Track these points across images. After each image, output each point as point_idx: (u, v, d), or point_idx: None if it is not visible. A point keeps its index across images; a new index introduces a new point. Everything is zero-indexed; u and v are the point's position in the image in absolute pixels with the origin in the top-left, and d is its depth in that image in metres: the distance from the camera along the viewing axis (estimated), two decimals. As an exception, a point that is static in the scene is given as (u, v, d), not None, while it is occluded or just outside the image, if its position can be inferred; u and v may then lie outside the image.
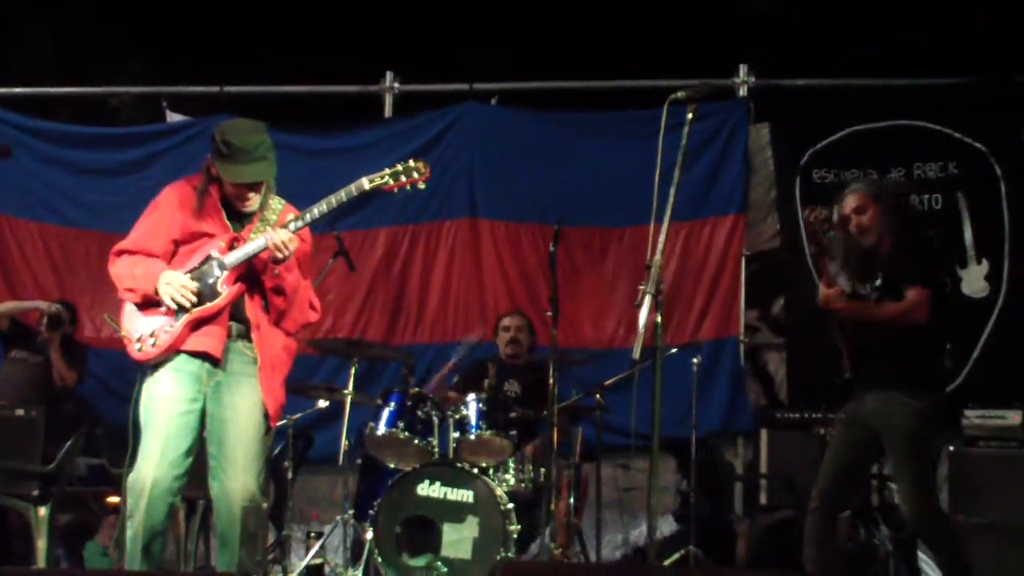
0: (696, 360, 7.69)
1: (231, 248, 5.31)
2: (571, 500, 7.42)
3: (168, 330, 5.26)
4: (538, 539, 7.23)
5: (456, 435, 7.10)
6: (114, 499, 8.54)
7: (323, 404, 7.75)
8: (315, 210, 5.28)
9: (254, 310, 5.36)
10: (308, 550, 7.54)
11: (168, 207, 5.41)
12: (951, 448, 7.36)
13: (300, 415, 7.69)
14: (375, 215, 9.08)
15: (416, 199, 9.05)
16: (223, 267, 5.28)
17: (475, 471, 6.91)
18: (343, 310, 9.11)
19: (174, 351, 5.27)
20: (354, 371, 7.45)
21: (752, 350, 9.04)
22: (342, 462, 7.33)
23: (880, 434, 6.01)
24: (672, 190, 4.75)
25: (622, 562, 8.12)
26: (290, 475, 7.65)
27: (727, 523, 8.32)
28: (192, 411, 5.27)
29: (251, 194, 5.35)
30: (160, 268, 5.30)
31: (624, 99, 9.36)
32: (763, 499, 8.14)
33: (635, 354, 4.59)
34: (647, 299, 4.61)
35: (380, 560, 6.75)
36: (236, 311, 5.34)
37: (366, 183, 5.28)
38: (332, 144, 9.34)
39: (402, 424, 7.11)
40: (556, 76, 9.54)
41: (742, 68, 9.11)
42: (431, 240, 9.16)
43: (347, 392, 7.37)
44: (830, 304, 6.13)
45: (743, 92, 9.07)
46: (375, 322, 9.08)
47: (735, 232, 8.91)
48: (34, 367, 8.65)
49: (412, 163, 5.36)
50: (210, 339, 5.28)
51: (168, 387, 5.27)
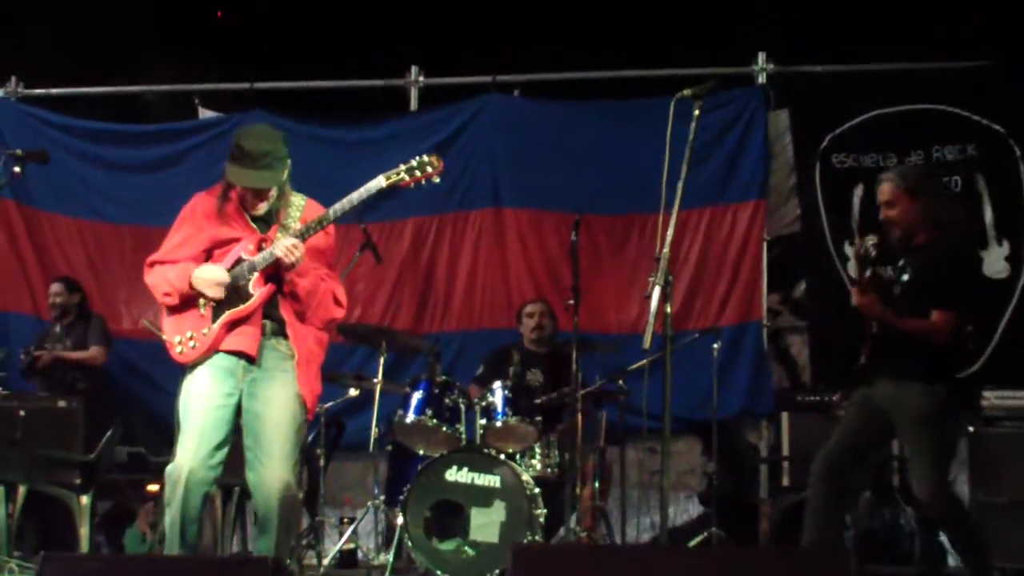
0: (716, 346, 7.82)
1: (259, 249, 5.47)
2: (596, 484, 7.57)
3: (206, 332, 5.45)
4: (565, 523, 7.41)
5: (483, 422, 7.25)
6: (153, 487, 8.74)
7: (354, 392, 7.90)
8: (331, 213, 5.41)
9: (287, 308, 5.52)
10: (341, 535, 7.75)
11: (195, 219, 5.58)
12: (971, 428, 7.45)
13: (332, 403, 7.84)
14: (401, 206, 9.18)
15: (441, 189, 9.11)
16: (253, 268, 5.44)
17: (502, 457, 7.06)
18: (372, 300, 9.23)
19: (213, 351, 5.46)
20: (383, 360, 7.64)
21: (774, 333, 9.10)
22: (372, 449, 7.52)
23: (894, 419, 6.09)
24: (680, 184, 4.90)
25: (640, 544, 8.24)
26: (322, 462, 7.81)
27: (750, 504, 8.43)
28: (227, 405, 5.45)
29: (255, 199, 5.49)
30: (192, 267, 5.48)
31: (644, 88, 9.37)
32: (785, 481, 8.24)
33: (645, 344, 4.73)
34: (656, 290, 4.74)
35: (410, 544, 6.89)
36: (270, 309, 5.50)
37: (383, 181, 5.40)
38: (360, 136, 9.46)
39: (430, 411, 7.26)
40: (576, 67, 9.60)
41: (760, 56, 9.19)
42: (456, 229, 9.26)
43: (377, 381, 7.55)
44: (864, 309, 6.19)
45: (762, 79, 9.15)
46: (404, 311, 9.20)
47: (756, 217, 8.97)
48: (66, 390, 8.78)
49: (426, 157, 5.46)
50: (245, 338, 5.45)
51: (204, 383, 5.45)
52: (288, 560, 5.50)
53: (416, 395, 7.34)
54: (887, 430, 6.19)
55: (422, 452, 7.38)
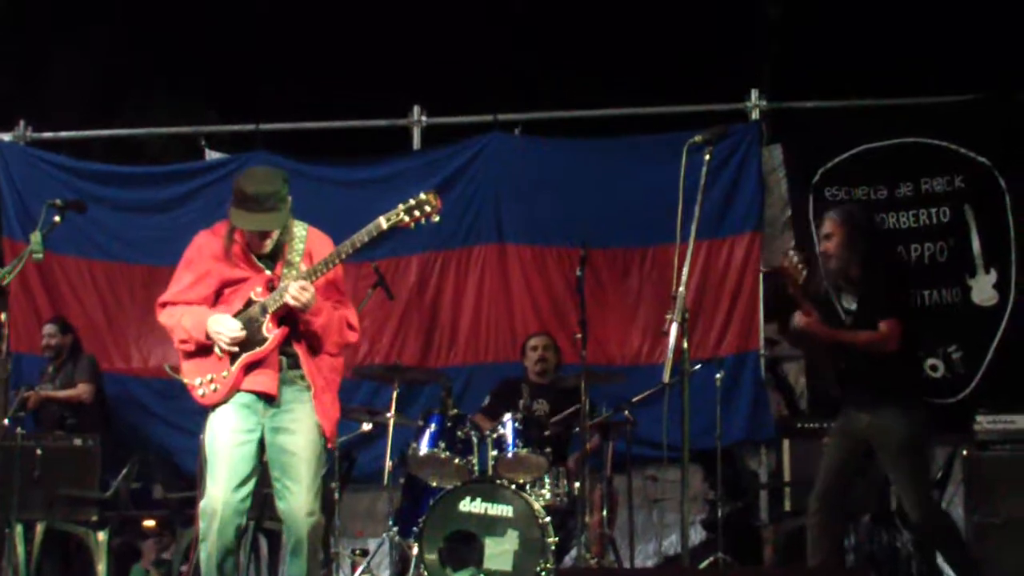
0: (719, 375, 8.01)
1: (269, 288, 5.63)
2: (604, 512, 7.75)
3: (225, 375, 5.63)
4: (573, 549, 7.56)
5: (494, 453, 7.41)
6: (150, 523, 8.91)
7: (367, 427, 8.06)
8: (334, 256, 5.54)
9: (301, 343, 5.67)
10: (355, 567, 7.88)
11: (202, 259, 5.74)
12: (964, 452, 7.68)
13: (344, 437, 7.94)
14: (407, 242, 9.29)
15: (445, 226, 9.35)
16: (265, 310, 5.59)
17: (513, 487, 7.22)
18: (379, 335, 9.36)
19: (234, 391, 5.63)
20: (395, 394, 7.82)
21: (772, 362, 9.24)
22: (387, 481, 7.70)
23: (876, 448, 6.38)
24: (693, 227, 5.12)
25: (656, 569, 8.40)
26: (336, 495, 7.94)
27: (753, 529, 8.58)
28: (251, 441, 5.64)
29: (261, 239, 5.62)
30: (206, 314, 5.64)
31: (641, 125, 9.66)
32: (787, 506, 8.35)
33: (665, 378, 4.95)
34: (674, 327, 4.97)
35: (426, 574, 7.03)
36: (284, 346, 5.66)
37: (384, 223, 5.50)
38: (364, 175, 9.58)
39: (443, 444, 7.40)
40: (575, 105, 9.83)
41: (754, 92, 9.37)
42: (461, 265, 9.40)
43: (389, 415, 7.73)
44: (808, 331, 6.48)
45: (755, 115, 9.34)
46: (410, 346, 9.32)
47: (752, 249, 9.15)
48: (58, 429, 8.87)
49: (424, 196, 5.53)
50: (264, 378, 5.63)
51: (229, 420, 5.63)
52: None
53: (429, 428, 7.47)
54: (868, 454, 6.47)
55: (435, 484, 7.51)
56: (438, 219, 5.59)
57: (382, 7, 11.26)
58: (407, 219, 5.51)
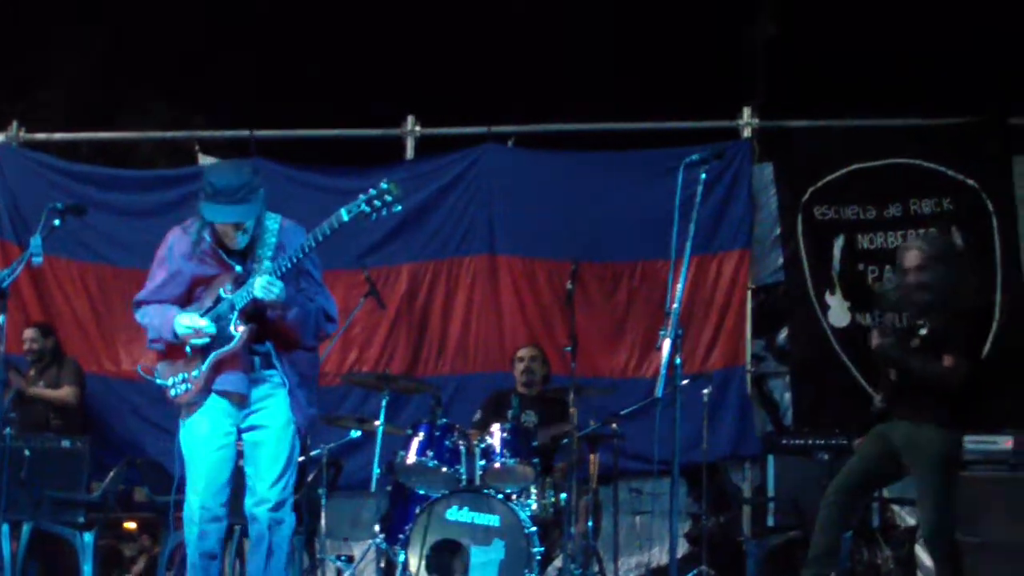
0: (707, 391, 8.06)
1: (239, 284, 5.57)
2: (589, 523, 7.79)
3: (196, 375, 5.63)
4: (558, 559, 7.59)
5: (482, 463, 7.46)
6: (131, 525, 8.93)
7: (355, 434, 8.03)
8: (297, 249, 5.46)
9: (274, 339, 5.66)
10: (341, 573, 7.93)
11: (171, 257, 5.73)
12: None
13: (333, 444, 7.96)
14: (398, 251, 9.42)
15: (438, 237, 9.47)
16: (233, 307, 5.56)
17: (500, 497, 7.28)
18: (368, 343, 9.38)
19: (206, 392, 5.64)
20: (385, 402, 7.84)
21: (759, 378, 9.30)
22: (374, 488, 7.71)
23: (907, 459, 6.44)
24: (688, 244, 5.18)
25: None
26: (323, 501, 7.93)
27: (737, 544, 8.63)
28: (228, 444, 5.67)
29: (235, 233, 5.57)
30: (174, 313, 5.63)
31: (634, 140, 9.72)
32: (770, 521, 8.38)
33: (658, 392, 5.01)
34: (667, 343, 5.03)
35: (411, 582, 7.06)
36: (256, 342, 5.63)
37: (345, 214, 5.39)
38: (357, 184, 9.20)
39: (431, 453, 7.44)
40: (569, 119, 9.88)
41: (746, 110, 9.46)
42: (452, 275, 9.43)
43: (379, 423, 7.76)
44: (879, 349, 6.55)
45: (747, 133, 9.41)
46: (399, 355, 9.36)
47: (741, 266, 9.20)
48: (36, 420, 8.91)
49: (384, 185, 5.40)
50: (234, 378, 5.63)
51: (204, 427, 5.65)
52: None
53: (417, 437, 7.51)
54: (895, 471, 6.54)
55: (422, 492, 7.55)
56: (399, 208, 5.47)
57: (379, 17, 11.34)
58: (368, 209, 5.40)
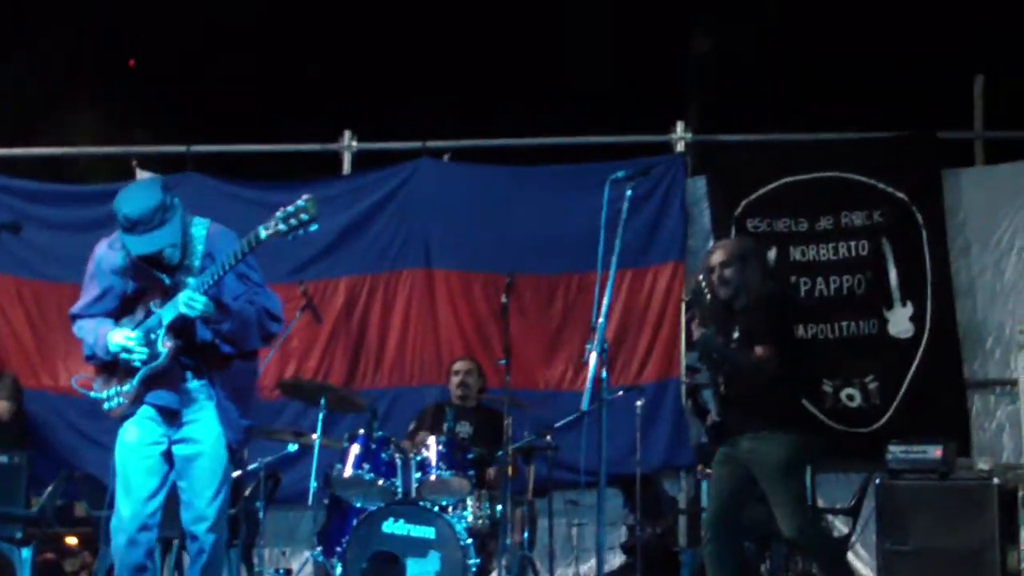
0: (640, 403, 8.17)
1: (168, 296, 5.49)
2: (524, 534, 7.88)
3: (127, 389, 5.60)
4: (494, 571, 7.68)
5: (418, 475, 7.52)
6: (72, 540, 8.89)
7: (292, 447, 8.07)
8: (218, 267, 5.35)
9: (204, 352, 5.62)
10: (278, 586, 7.97)
11: (100, 273, 5.68)
12: (878, 480, 7.89)
13: (270, 458, 7.98)
14: (335, 265, 9.46)
15: (374, 250, 9.52)
16: (160, 323, 5.51)
17: (436, 509, 7.34)
18: (306, 355, 9.42)
19: (138, 404, 5.60)
20: (321, 416, 7.90)
21: (692, 389, 9.25)
22: (311, 501, 7.76)
23: (754, 471, 6.48)
24: (614, 259, 5.27)
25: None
26: (261, 515, 7.97)
27: (671, 554, 8.71)
28: (153, 455, 5.60)
29: (165, 253, 5.45)
30: (106, 329, 5.59)
31: (570, 154, 9.82)
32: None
33: (584, 405, 5.09)
34: (593, 356, 5.12)
35: (348, 594, 7.12)
36: (187, 355, 5.59)
37: (263, 232, 5.26)
38: (291, 198, 9.47)
39: (367, 466, 7.49)
40: (504, 134, 9.95)
41: (679, 124, 9.57)
42: (389, 289, 9.48)
43: (315, 436, 7.79)
44: (704, 341, 6.59)
45: (680, 147, 9.52)
46: (336, 367, 9.40)
47: (675, 279, 9.28)
48: None
49: (302, 203, 5.23)
50: (165, 392, 5.58)
51: (133, 436, 5.61)
52: None
53: (353, 449, 7.55)
54: (752, 481, 6.57)
55: (359, 504, 7.59)
56: (316, 228, 5.31)
57: (317, 32, 11.38)
58: (283, 228, 5.26)
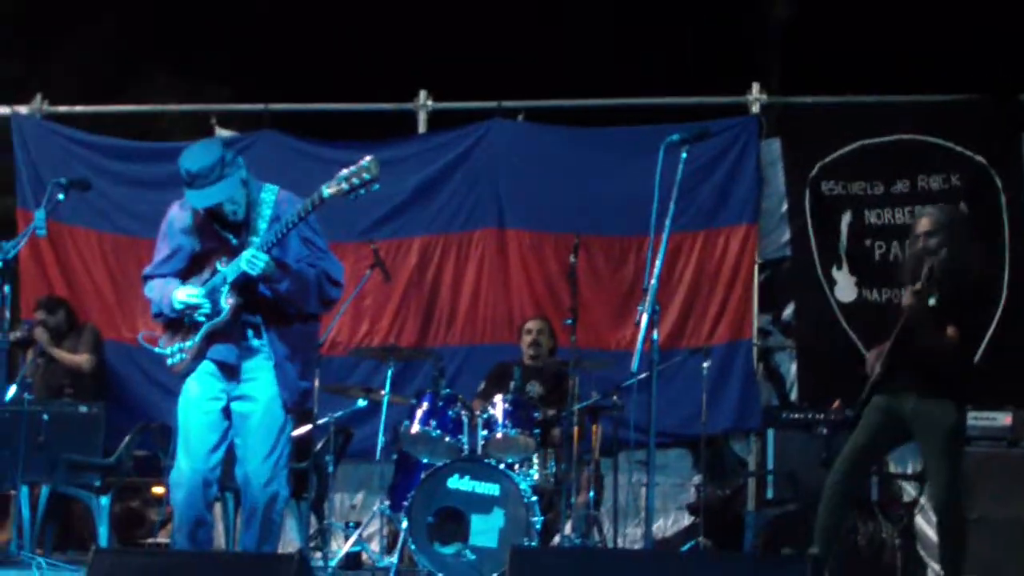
0: (706, 364, 8.17)
1: (233, 256, 5.68)
2: (591, 494, 7.93)
3: (190, 345, 5.79)
4: (560, 530, 7.76)
5: (484, 433, 7.56)
6: (158, 489, 9.11)
7: (361, 403, 8.22)
8: (282, 225, 5.56)
9: (265, 312, 5.78)
10: (347, 538, 8.06)
11: (171, 233, 5.89)
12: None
13: (340, 413, 8.15)
14: (409, 225, 9.53)
15: (447, 210, 9.59)
16: (224, 281, 5.69)
17: (501, 467, 7.39)
18: (379, 315, 9.51)
19: (200, 359, 5.79)
20: (390, 373, 8.01)
21: (764, 353, 9.40)
22: (379, 457, 7.89)
23: (917, 432, 6.41)
24: (668, 221, 5.29)
25: (637, 551, 8.55)
26: (331, 469, 8.14)
27: (736, 516, 8.77)
28: (214, 410, 5.78)
29: (224, 208, 5.67)
30: (172, 288, 5.80)
31: (643, 115, 9.76)
32: (770, 494, 8.44)
33: (634, 367, 5.12)
34: (644, 318, 5.14)
35: (413, 548, 7.21)
36: (247, 314, 5.76)
37: (325, 191, 5.47)
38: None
39: (434, 423, 7.55)
40: (579, 94, 9.94)
41: (755, 86, 9.50)
42: (461, 249, 9.53)
43: (384, 393, 7.91)
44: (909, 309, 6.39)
45: (756, 109, 9.46)
46: (409, 326, 9.48)
47: (748, 241, 9.27)
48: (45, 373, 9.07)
49: (365, 163, 5.43)
50: (224, 348, 5.76)
51: (194, 390, 5.82)
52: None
53: (421, 407, 7.62)
54: (900, 441, 6.55)
55: (426, 460, 7.66)
56: (378, 187, 5.51)
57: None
58: (346, 187, 5.45)
